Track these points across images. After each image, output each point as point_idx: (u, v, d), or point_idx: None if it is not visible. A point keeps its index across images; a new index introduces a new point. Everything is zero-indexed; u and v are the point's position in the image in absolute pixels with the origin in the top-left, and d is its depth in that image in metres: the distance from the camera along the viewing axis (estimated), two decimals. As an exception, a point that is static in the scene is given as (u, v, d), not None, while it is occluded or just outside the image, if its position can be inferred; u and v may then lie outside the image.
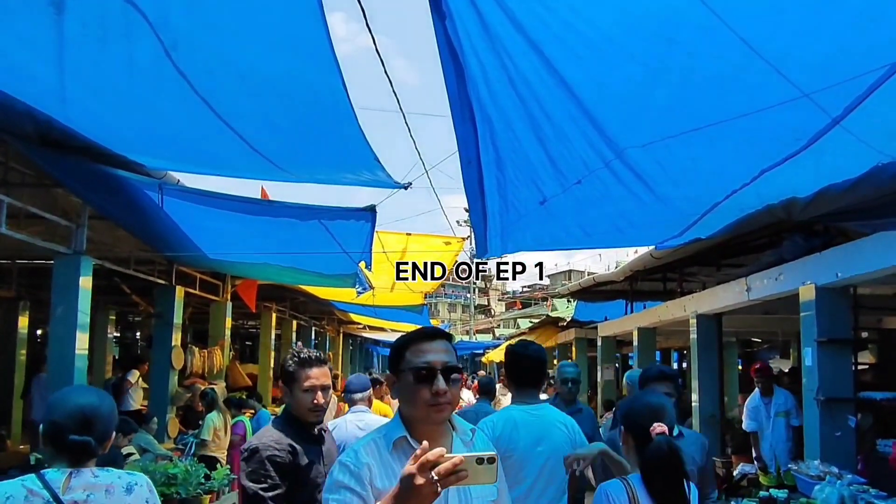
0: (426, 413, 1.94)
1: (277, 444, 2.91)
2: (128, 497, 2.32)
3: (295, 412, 3.13)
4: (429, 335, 2.03)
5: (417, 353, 1.98)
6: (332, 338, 21.71)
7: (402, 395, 2.00)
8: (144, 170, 5.78)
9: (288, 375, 3.13)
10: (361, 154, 4.81)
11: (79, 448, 2.27)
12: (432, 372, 1.93)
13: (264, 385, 13.67)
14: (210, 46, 3.89)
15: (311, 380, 3.08)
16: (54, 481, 2.22)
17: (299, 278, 9.90)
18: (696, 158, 3.93)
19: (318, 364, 3.16)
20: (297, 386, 3.09)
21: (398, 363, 2.03)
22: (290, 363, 3.15)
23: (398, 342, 2.07)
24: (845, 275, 5.18)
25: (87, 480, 2.27)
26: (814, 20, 2.54)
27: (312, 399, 3.07)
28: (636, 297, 11.21)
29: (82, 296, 6.45)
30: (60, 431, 2.27)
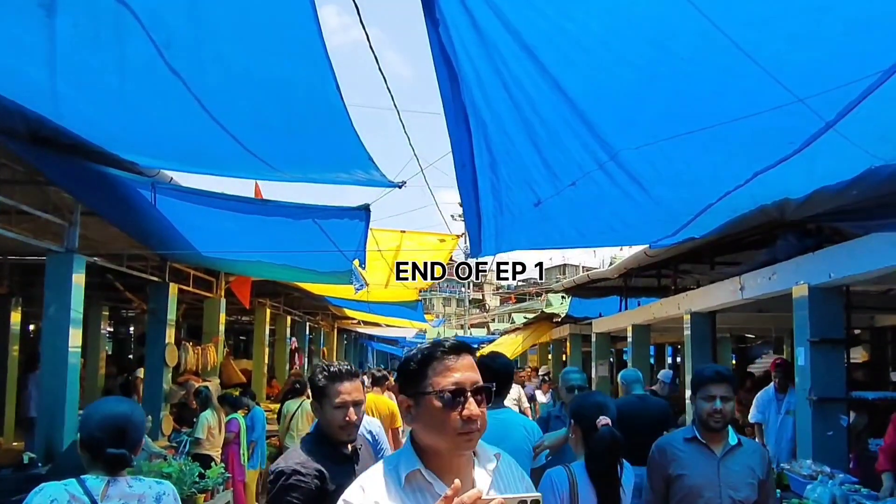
0: (454, 443, 1.66)
1: (303, 469, 2.65)
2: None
3: (326, 430, 2.86)
4: (455, 350, 1.73)
5: (444, 373, 1.68)
6: (327, 333, 21.72)
7: (424, 422, 1.69)
8: (137, 168, 5.76)
9: (317, 391, 2.88)
10: (355, 153, 4.80)
11: (115, 460, 2.50)
12: (462, 394, 1.66)
13: (259, 381, 13.66)
14: (203, 46, 3.87)
15: (342, 395, 2.82)
16: (94, 488, 2.44)
17: (294, 275, 9.89)
18: (690, 161, 3.93)
19: (350, 378, 2.90)
20: (327, 402, 2.83)
21: (416, 384, 1.71)
22: (320, 377, 2.89)
23: (415, 358, 1.74)
24: (838, 275, 5.20)
25: (123, 490, 2.50)
26: (807, 26, 2.54)
27: (345, 416, 2.81)
28: (630, 294, 11.25)
29: (75, 293, 6.43)
30: (98, 444, 2.50)
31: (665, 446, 3.36)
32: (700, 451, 3.24)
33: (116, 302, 12.87)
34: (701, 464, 3.20)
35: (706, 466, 3.19)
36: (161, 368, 8.68)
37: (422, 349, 1.76)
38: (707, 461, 3.20)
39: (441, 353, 1.72)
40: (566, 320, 15.20)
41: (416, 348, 1.79)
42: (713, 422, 3.17)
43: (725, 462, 3.19)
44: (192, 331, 14.70)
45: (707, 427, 3.20)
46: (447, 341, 1.77)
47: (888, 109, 3.04)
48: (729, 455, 3.21)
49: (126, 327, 19.62)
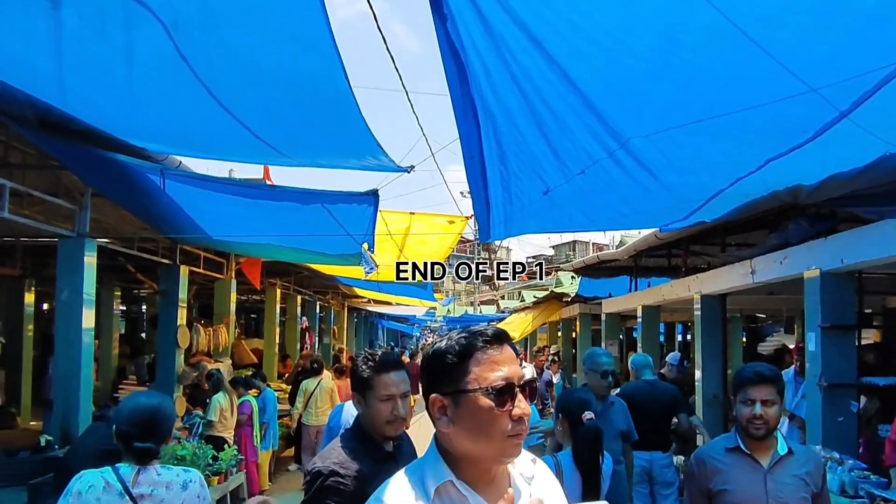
0: (501, 448, 1.44)
1: (342, 469, 2.46)
2: (183, 493, 2.75)
3: (369, 425, 2.65)
4: (497, 339, 1.50)
5: (489, 366, 1.45)
6: (337, 312, 21.82)
7: (465, 425, 1.45)
8: (146, 153, 5.76)
9: (362, 382, 2.66)
10: (363, 140, 4.78)
11: (142, 452, 2.73)
12: (511, 390, 1.44)
13: (269, 361, 13.77)
14: (210, 31, 3.84)
15: (389, 387, 2.62)
16: (126, 476, 2.68)
17: (304, 258, 9.92)
18: (701, 148, 3.89)
19: (397, 368, 2.70)
20: (372, 395, 2.62)
21: (455, 380, 1.46)
22: (364, 368, 2.68)
23: (452, 350, 1.48)
24: (851, 261, 5.15)
25: (152, 477, 2.72)
26: (821, 19, 2.49)
27: (392, 409, 2.61)
28: (640, 274, 11.21)
29: (87, 277, 6.50)
30: (128, 437, 2.74)
31: (705, 458, 3.02)
32: (744, 462, 2.90)
33: (128, 282, 12.96)
34: (746, 477, 2.87)
35: (752, 480, 2.86)
36: (173, 350, 8.76)
37: (458, 340, 1.50)
38: (752, 474, 2.86)
39: (483, 344, 1.47)
40: (576, 300, 15.18)
41: (447, 339, 1.52)
42: (753, 429, 2.84)
43: (774, 474, 2.85)
44: (203, 310, 14.80)
45: (749, 435, 2.88)
46: (487, 329, 1.52)
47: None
48: (778, 466, 2.86)
49: (138, 306, 19.78)
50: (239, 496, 7.15)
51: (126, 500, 2.64)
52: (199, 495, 2.80)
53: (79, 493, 2.64)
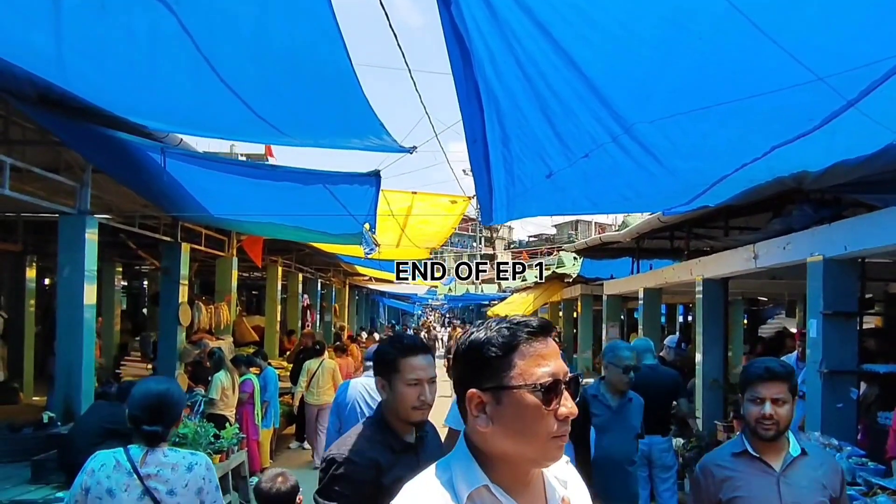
0: (544, 450, 1.34)
1: (357, 458, 2.38)
2: (188, 475, 2.89)
3: (392, 412, 2.53)
4: (543, 331, 1.37)
5: (535, 360, 1.33)
6: (339, 290, 21.85)
7: (506, 424, 1.33)
8: (147, 131, 5.73)
9: (386, 366, 2.54)
10: (365, 119, 4.75)
11: (150, 435, 2.89)
12: (558, 387, 1.33)
13: (271, 339, 13.80)
14: (212, 7, 3.80)
15: (416, 371, 2.51)
16: (135, 456, 2.86)
17: (305, 236, 9.91)
18: (706, 134, 3.85)
19: (424, 351, 2.59)
20: (398, 378, 2.50)
21: (497, 375, 1.34)
22: (390, 350, 2.57)
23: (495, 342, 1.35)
24: (854, 248, 5.12)
25: (159, 459, 2.88)
26: (830, 7, 2.45)
27: (419, 395, 2.50)
28: (643, 255, 11.18)
29: (88, 254, 6.50)
30: (138, 421, 2.90)
31: (710, 466, 2.78)
32: (754, 466, 2.66)
33: (129, 258, 12.98)
34: (757, 483, 2.63)
35: (763, 485, 2.62)
36: (175, 328, 8.78)
37: (500, 331, 1.36)
38: (764, 479, 2.63)
39: (528, 336, 1.35)
40: (577, 280, 15.18)
41: (486, 329, 1.39)
42: (763, 430, 2.60)
43: (787, 478, 2.61)
44: (204, 287, 14.83)
45: (757, 436, 2.64)
46: (531, 320, 1.39)
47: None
48: (791, 469, 2.63)
49: (140, 282, 19.83)
50: (240, 474, 7.20)
51: (134, 479, 2.81)
52: (205, 477, 2.93)
53: (92, 471, 2.84)
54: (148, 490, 2.81)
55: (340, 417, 5.51)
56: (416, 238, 10.87)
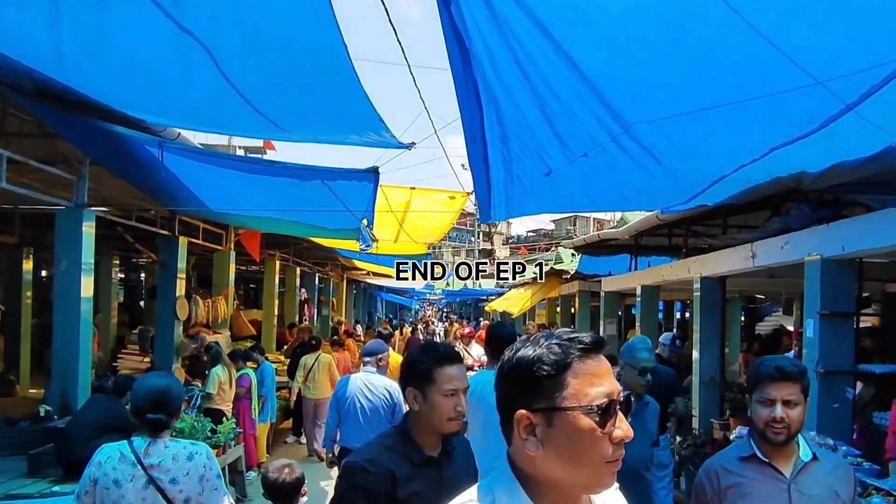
0: (597, 476, 1.26)
1: (372, 467, 2.32)
2: (188, 464, 3.01)
3: (424, 423, 2.43)
4: (597, 347, 1.29)
5: (589, 380, 1.25)
6: (336, 283, 21.83)
7: (558, 447, 1.25)
8: (144, 125, 5.71)
9: (421, 376, 2.43)
10: (365, 115, 4.74)
11: (154, 423, 3.02)
12: (612, 409, 1.25)
13: (268, 333, 13.80)
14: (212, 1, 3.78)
15: (453, 381, 2.42)
16: (139, 448, 2.99)
17: (303, 231, 9.90)
18: (706, 135, 3.85)
19: (459, 360, 2.51)
20: (434, 389, 2.40)
21: (548, 395, 1.25)
22: (424, 360, 2.45)
23: (546, 360, 1.26)
24: (851, 249, 5.13)
25: (160, 449, 3.01)
26: (830, 12, 2.44)
27: (455, 405, 2.41)
28: (641, 252, 11.19)
29: (85, 246, 6.49)
30: (141, 411, 3.03)
31: (717, 469, 2.62)
32: (763, 472, 2.50)
33: (126, 251, 12.96)
34: (766, 490, 2.48)
35: (773, 492, 2.47)
36: (172, 322, 8.77)
37: (550, 347, 1.27)
38: (774, 485, 2.47)
39: (581, 353, 1.26)
40: (575, 277, 15.19)
41: (534, 345, 1.30)
42: (773, 433, 2.44)
43: (799, 485, 2.45)
44: (202, 281, 14.81)
45: (766, 440, 2.48)
46: (583, 336, 1.30)
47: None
48: (803, 475, 2.47)
49: (137, 275, 19.80)
50: (237, 469, 7.21)
51: (138, 469, 2.94)
52: (206, 465, 3.05)
53: (99, 463, 2.97)
54: (152, 479, 2.94)
55: (340, 412, 5.73)
56: (415, 233, 10.87)
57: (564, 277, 16.12)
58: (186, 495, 2.99)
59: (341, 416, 5.71)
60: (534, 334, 1.36)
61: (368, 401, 5.61)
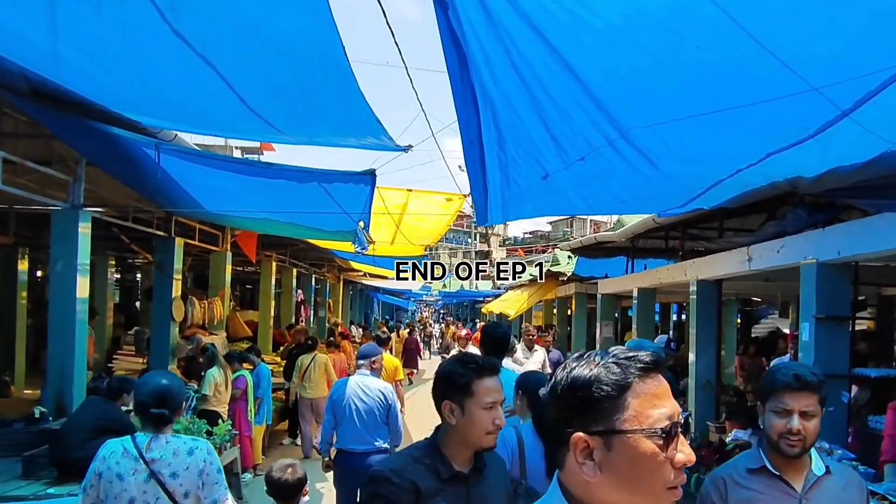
0: (659, 503, 1.20)
1: (395, 478, 2.25)
2: (188, 458, 3.14)
3: (459, 437, 2.33)
4: (657, 366, 1.23)
5: (651, 401, 1.20)
6: (333, 285, 21.82)
7: (619, 472, 1.19)
8: (140, 126, 5.70)
9: (459, 388, 2.32)
10: (363, 117, 4.74)
11: (157, 418, 3.16)
12: (676, 432, 1.20)
13: (264, 334, 13.78)
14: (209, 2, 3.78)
15: (492, 393, 2.32)
16: (141, 443, 3.12)
17: (299, 232, 9.90)
18: (702, 140, 3.86)
19: (497, 372, 2.42)
20: (472, 402, 2.30)
21: (609, 416, 1.19)
22: (463, 372, 2.34)
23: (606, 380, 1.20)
24: (847, 253, 5.15)
25: (162, 444, 3.13)
26: (826, 19, 2.45)
27: (494, 419, 2.31)
28: (637, 255, 11.20)
29: (81, 247, 6.47)
30: (145, 406, 3.17)
31: (725, 479, 2.51)
32: (773, 486, 2.38)
33: (122, 251, 12.93)
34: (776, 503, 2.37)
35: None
36: (168, 323, 8.76)
37: (609, 367, 1.22)
38: (785, 500, 2.35)
39: (641, 373, 1.21)
40: (572, 279, 15.21)
41: (589, 363, 1.24)
42: (787, 445, 2.30)
43: (811, 500, 2.34)
44: (198, 281, 14.78)
45: (779, 451, 2.35)
46: (643, 355, 1.24)
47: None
48: (815, 490, 2.35)
49: (133, 275, 19.76)
50: (232, 471, 7.19)
51: (140, 464, 3.06)
52: (205, 461, 3.17)
53: (104, 458, 3.10)
54: (153, 473, 3.06)
55: (336, 413, 5.80)
56: (412, 235, 10.87)
57: (561, 280, 16.14)
58: (186, 489, 3.10)
59: (337, 419, 5.77)
60: (586, 352, 1.31)
61: (364, 403, 5.72)
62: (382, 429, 5.79)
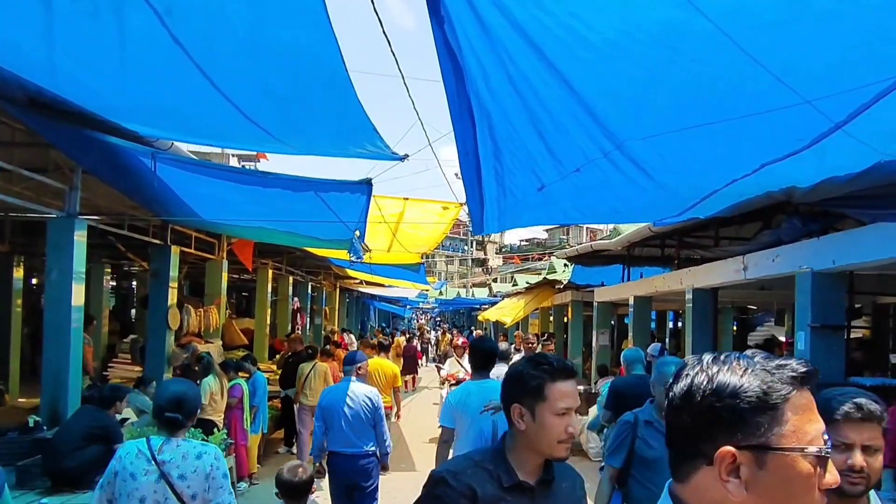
0: None
1: (453, 481, 2.13)
2: (197, 462, 3.30)
3: (528, 445, 2.15)
4: (811, 378, 1.13)
5: (808, 417, 1.10)
6: (329, 292, 21.77)
7: (770, 494, 1.08)
8: (137, 135, 5.70)
9: (530, 392, 2.13)
10: (360, 126, 4.74)
11: (171, 422, 3.35)
12: (826, 451, 1.10)
13: (260, 342, 13.74)
14: (205, 12, 3.78)
15: (566, 398, 2.12)
16: (154, 446, 3.30)
17: (296, 241, 9.89)
18: (697, 151, 3.88)
19: (573, 375, 2.21)
20: (545, 408, 2.10)
21: (761, 430, 1.08)
22: (536, 374, 2.14)
23: (762, 391, 1.09)
24: (841, 262, 5.18)
25: (173, 447, 3.32)
26: (818, 35, 2.47)
27: (567, 426, 2.11)
28: (633, 263, 11.25)
29: (77, 256, 6.46)
30: (161, 410, 3.36)
31: None
32: None
33: (118, 259, 12.90)
34: None
35: None
36: (164, 331, 8.73)
37: (761, 375, 1.10)
38: None
39: (798, 384, 1.10)
40: (568, 287, 15.23)
41: (732, 368, 1.12)
42: (848, 484, 1.96)
43: None
44: (194, 289, 14.74)
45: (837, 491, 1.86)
46: (796, 363, 1.14)
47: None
48: None
49: (128, 282, 19.71)
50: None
51: (152, 465, 3.24)
52: (212, 465, 3.32)
53: (120, 458, 3.29)
54: (163, 474, 3.24)
55: (325, 420, 5.99)
56: (408, 243, 10.86)
57: (557, 287, 16.16)
58: (193, 491, 3.27)
59: (327, 425, 5.96)
60: (722, 354, 1.19)
61: (350, 408, 5.92)
62: (371, 432, 5.95)
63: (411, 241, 10.87)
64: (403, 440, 11.81)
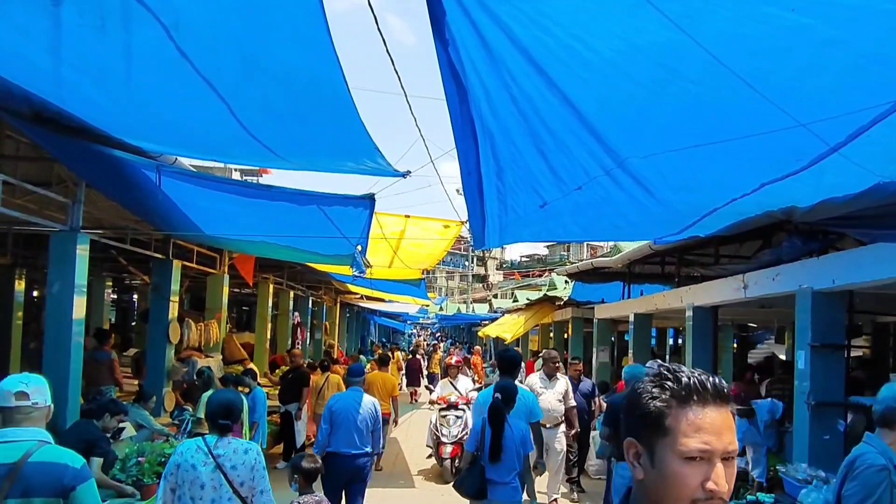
0: None
1: None
2: (245, 456, 3.99)
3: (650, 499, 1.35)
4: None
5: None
6: (330, 307, 21.75)
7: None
8: (141, 150, 5.74)
9: (649, 423, 1.34)
10: (361, 143, 4.78)
11: (223, 427, 4.05)
12: None
13: (260, 357, 13.72)
14: (210, 30, 3.82)
15: (703, 434, 1.29)
16: (210, 444, 3.98)
17: (297, 256, 9.91)
18: (697, 170, 3.91)
19: (724, 401, 1.33)
20: (666, 446, 1.31)
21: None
22: (655, 393, 1.34)
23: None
24: (841, 282, 5.18)
25: (225, 444, 4.01)
26: (814, 61, 2.50)
27: (704, 478, 1.28)
28: (634, 280, 11.24)
29: (79, 269, 6.47)
30: (215, 416, 4.07)
31: None
32: None
33: (120, 272, 12.91)
34: None
35: None
36: (164, 345, 8.73)
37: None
38: None
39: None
40: (569, 303, 15.22)
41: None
42: None
43: None
44: (194, 303, 14.73)
45: None
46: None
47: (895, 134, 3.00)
48: None
49: (129, 295, 19.70)
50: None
51: (209, 457, 3.92)
52: (256, 459, 4.02)
53: (181, 453, 3.98)
54: (218, 465, 3.91)
55: (333, 423, 6.72)
56: (409, 260, 10.88)
57: (558, 304, 16.14)
58: (242, 479, 3.95)
59: (333, 427, 6.69)
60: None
61: (360, 415, 6.76)
62: (369, 437, 6.82)
63: (412, 258, 10.89)
64: (403, 457, 11.74)
